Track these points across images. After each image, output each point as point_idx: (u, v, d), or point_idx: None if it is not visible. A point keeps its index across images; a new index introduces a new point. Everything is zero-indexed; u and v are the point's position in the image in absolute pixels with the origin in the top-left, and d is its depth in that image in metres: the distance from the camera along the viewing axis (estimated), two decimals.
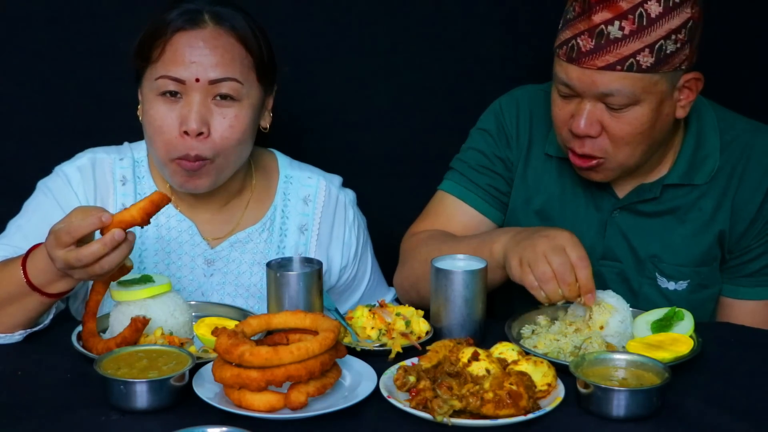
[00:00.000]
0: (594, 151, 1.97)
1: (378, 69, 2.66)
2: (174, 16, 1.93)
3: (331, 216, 2.18)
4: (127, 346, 1.68)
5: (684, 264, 2.09)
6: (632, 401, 1.52)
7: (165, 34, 1.92)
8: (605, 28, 1.87)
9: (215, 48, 1.92)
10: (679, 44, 1.89)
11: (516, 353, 1.63)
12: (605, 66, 1.88)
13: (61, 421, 1.54)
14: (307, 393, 1.51)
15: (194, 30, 1.92)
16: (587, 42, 1.89)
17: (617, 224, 2.12)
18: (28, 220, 2.02)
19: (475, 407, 1.49)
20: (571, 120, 1.97)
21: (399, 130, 2.69)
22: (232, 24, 1.95)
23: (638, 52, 1.87)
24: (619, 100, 1.91)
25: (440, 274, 1.83)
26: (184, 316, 1.84)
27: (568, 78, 1.94)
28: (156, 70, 1.93)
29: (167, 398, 1.55)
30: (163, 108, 1.93)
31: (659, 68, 1.89)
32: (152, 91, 1.94)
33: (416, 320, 1.85)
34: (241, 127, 1.95)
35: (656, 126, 1.95)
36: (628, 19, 1.87)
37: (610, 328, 1.79)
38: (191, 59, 1.91)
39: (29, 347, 1.83)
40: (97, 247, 1.63)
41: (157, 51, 1.93)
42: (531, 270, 1.81)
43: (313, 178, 2.19)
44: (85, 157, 2.09)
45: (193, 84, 1.91)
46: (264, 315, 1.66)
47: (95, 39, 2.55)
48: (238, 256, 2.11)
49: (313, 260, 1.89)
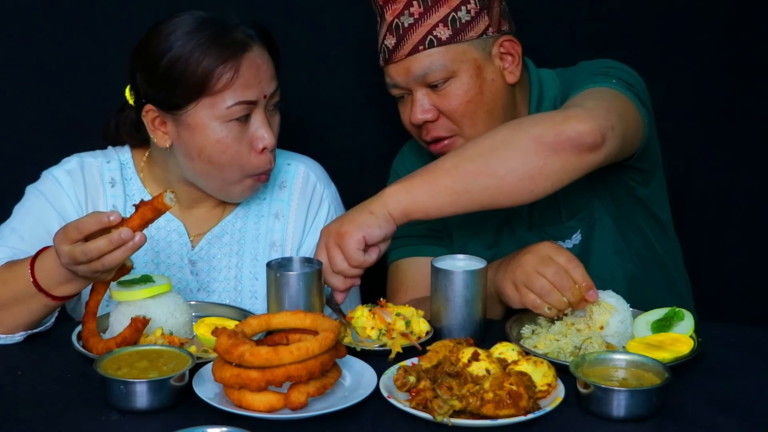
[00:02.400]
0: (440, 132, 2.09)
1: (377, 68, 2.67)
2: (228, 41, 1.93)
3: (306, 203, 2.19)
4: (127, 346, 1.68)
5: (568, 219, 2.14)
6: (632, 401, 1.52)
7: (230, 59, 1.92)
8: (399, 20, 2.05)
9: (267, 62, 2.00)
10: (473, 13, 2.04)
11: (516, 353, 1.63)
12: (411, 51, 2.04)
13: (61, 421, 1.54)
14: (307, 393, 1.51)
15: (251, 51, 1.96)
16: (391, 39, 2.07)
17: (518, 213, 2.16)
18: (21, 222, 2.04)
19: (475, 407, 1.49)
20: (410, 116, 2.10)
21: (399, 130, 2.69)
22: (261, 35, 2.00)
23: (433, 28, 2.03)
24: (436, 76, 2.04)
25: (440, 274, 1.83)
26: (184, 316, 1.84)
27: (391, 78, 2.10)
28: (226, 99, 1.93)
29: (167, 398, 1.55)
30: (236, 130, 1.97)
31: (460, 37, 2.04)
32: (219, 118, 1.95)
33: (416, 320, 1.85)
34: (278, 131, 2.06)
35: (485, 92, 2.06)
36: (414, 5, 2.05)
37: (610, 328, 1.79)
38: (259, 79, 1.97)
39: (29, 347, 1.83)
40: (103, 242, 1.64)
41: (225, 78, 1.92)
42: (529, 289, 1.82)
43: (292, 164, 2.22)
44: (73, 161, 2.13)
45: (261, 101, 1.98)
46: (264, 315, 1.66)
47: (89, 42, 2.55)
48: (217, 251, 2.13)
49: (313, 260, 1.89)
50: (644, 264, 2.18)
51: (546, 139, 1.78)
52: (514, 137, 1.82)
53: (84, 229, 1.65)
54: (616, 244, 2.16)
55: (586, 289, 1.80)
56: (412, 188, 1.84)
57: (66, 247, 1.67)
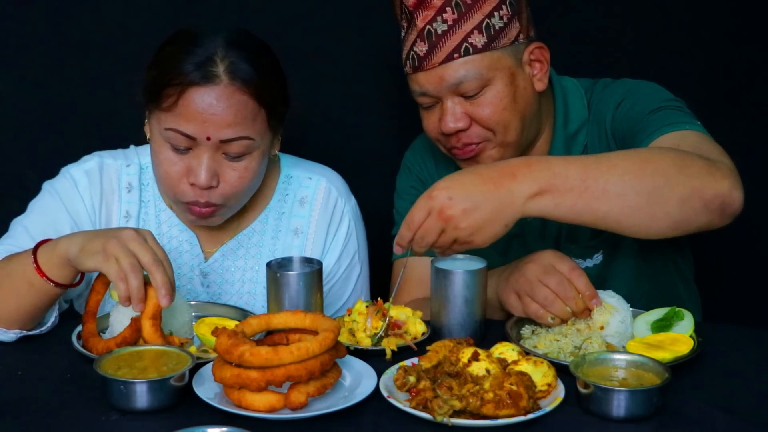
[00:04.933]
0: (472, 139, 2.03)
1: (382, 67, 2.67)
2: (189, 67, 1.84)
3: (327, 220, 2.14)
4: (127, 346, 1.68)
5: (591, 238, 2.11)
6: (632, 401, 1.52)
7: (178, 85, 1.84)
8: (431, 27, 1.98)
9: (228, 107, 1.85)
10: (505, 19, 1.99)
11: (516, 353, 1.63)
12: (445, 59, 1.97)
13: (61, 421, 1.54)
14: (307, 393, 1.51)
15: (208, 86, 1.84)
16: (422, 47, 1.99)
17: (532, 226, 2.14)
18: (33, 221, 2.02)
19: (475, 407, 1.49)
20: (439, 125, 2.03)
21: (399, 130, 2.70)
22: (246, 79, 1.87)
23: (468, 35, 1.96)
24: (471, 86, 1.98)
25: (440, 274, 1.83)
26: (184, 316, 1.84)
27: (420, 86, 2.03)
28: (166, 121, 1.87)
29: (167, 398, 1.55)
30: (171, 155, 1.90)
31: (495, 44, 1.98)
32: (161, 135, 1.90)
33: (413, 321, 1.84)
34: (251, 176, 1.94)
35: (518, 100, 2.01)
36: (447, 11, 1.97)
37: (610, 328, 1.79)
38: (203, 118, 1.84)
39: (29, 347, 1.83)
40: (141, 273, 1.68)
41: (169, 101, 1.85)
42: (531, 299, 1.81)
43: (313, 178, 2.15)
44: (93, 161, 2.08)
45: (204, 141, 1.87)
46: (264, 315, 1.66)
47: (98, 39, 2.56)
48: (231, 264, 2.10)
49: (313, 260, 1.89)
50: (659, 284, 2.16)
51: (705, 195, 1.71)
52: (679, 181, 1.70)
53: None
54: (637, 266, 2.13)
55: (589, 298, 1.80)
56: (563, 202, 1.70)
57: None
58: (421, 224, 1.72)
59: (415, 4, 1.99)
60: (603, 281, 1.97)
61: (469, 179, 1.72)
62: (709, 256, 2.84)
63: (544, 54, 2.05)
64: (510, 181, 1.69)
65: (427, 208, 1.71)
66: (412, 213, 1.73)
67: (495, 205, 1.69)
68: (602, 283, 1.87)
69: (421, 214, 1.72)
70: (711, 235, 2.85)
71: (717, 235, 2.87)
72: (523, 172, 1.70)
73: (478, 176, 1.72)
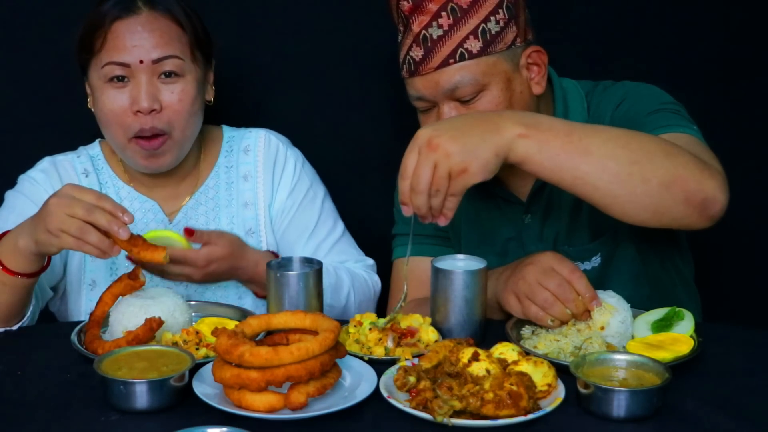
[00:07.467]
0: None
1: (382, 67, 2.67)
2: (109, 6, 2.05)
3: (271, 162, 2.27)
4: (137, 345, 1.69)
5: (589, 241, 2.10)
6: (632, 401, 1.52)
7: (104, 25, 2.04)
8: (427, 32, 1.97)
9: (153, 30, 2.05)
10: (502, 23, 1.97)
11: (516, 353, 1.63)
12: (441, 64, 1.97)
13: (61, 421, 1.54)
14: (307, 393, 1.51)
15: (131, 17, 2.05)
16: (418, 52, 1.98)
17: (530, 229, 2.13)
18: (4, 220, 2.07)
19: (475, 407, 1.49)
20: None
21: (399, 130, 2.70)
22: (166, 7, 2.08)
23: (464, 40, 1.95)
24: (467, 91, 1.97)
25: (440, 274, 1.83)
26: (184, 316, 1.85)
27: (417, 90, 2.02)
28: (101, 59, 2.05)
29: (167, 398, 1.55)
30: (113, 92, 2.06)
31: (491, 49, 1.97)
32: (100, 79, 2.06)
33: (425, 329, 1.83)
34: (189, 99, 2.09)
35: (513, 105, 2.01)
36: (442, 16, 1.96)
37: (610, 329, 1.79)
38: (132, 44, 2.03)
39: (29, 347, 1.84)
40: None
41: (99, 42, 2.04)
42: (531, 301, 1.81)
43: (252, 131, 2.32)
44: (45, 162, 2.23)
45: (138, 66, 2.04)
46: (264, 315, 1.66)
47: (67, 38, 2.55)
48: (194, 221, 2.21)
49: (313, 260, 1.89)
50: (659, 286, 2.15)
51: (688, 186, 1.69)
52: (664, 164, 1.69)
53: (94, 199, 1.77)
54: (636, 268, 2.12)
55: (590, 300, 1.80)
56: (547, 148, 1.69)
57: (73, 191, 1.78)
58: (414, 168, 1.71)
59: (411, 9, 1.99)
60: (602, 284, 1.96)
61: (454, 118, 1.81)
62: (709, 256, 2.84)
63: (541, 57, 2.04)
64: (497, 118, 1.73)
65: (416, 148, 1.71)
66: (404, 162, 1.73)
67: (481, 130, 1.70)
68: (601, 286, 1.86)
69: (412, 157, 1.71)
70: (711, 236, 2.86)
71: (717, 236, 2.88)
72: (509, 115, 1.76)
73: (463, 116, 1.80)
